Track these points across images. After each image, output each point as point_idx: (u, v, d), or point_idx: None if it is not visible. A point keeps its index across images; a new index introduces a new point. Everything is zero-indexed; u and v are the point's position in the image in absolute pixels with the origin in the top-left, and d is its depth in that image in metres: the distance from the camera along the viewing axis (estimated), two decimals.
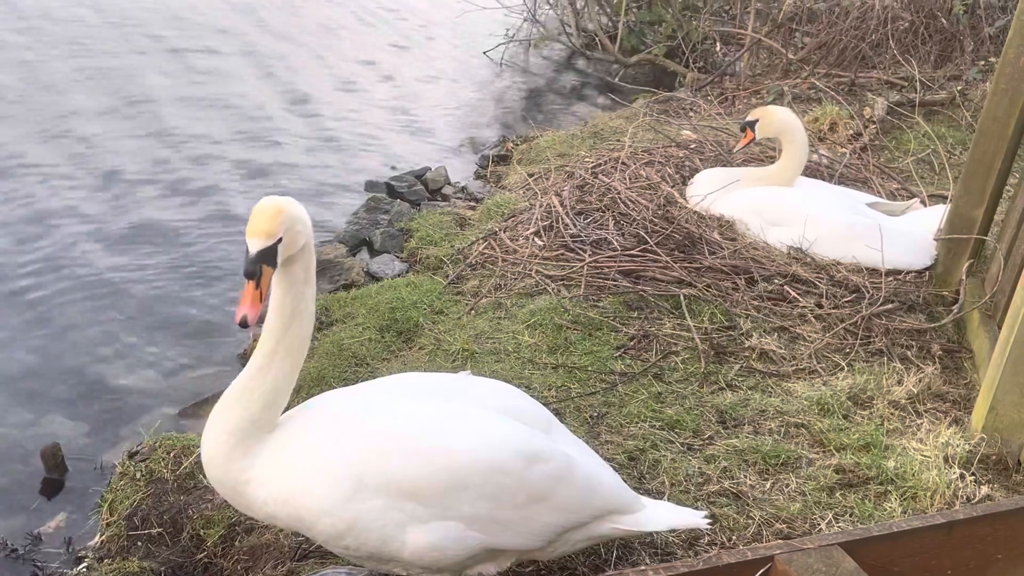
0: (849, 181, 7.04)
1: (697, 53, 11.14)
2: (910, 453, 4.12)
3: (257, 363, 2.99)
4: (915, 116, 8.45)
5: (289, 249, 2.87)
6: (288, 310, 2.96)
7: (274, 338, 2.98)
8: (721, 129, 7.91)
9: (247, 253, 2.80)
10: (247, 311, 2.77)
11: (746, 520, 3.72)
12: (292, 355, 3.01)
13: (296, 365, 3.05)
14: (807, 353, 4.94)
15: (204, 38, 10.99)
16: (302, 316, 3.00)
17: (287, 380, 3.02)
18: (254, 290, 2.79)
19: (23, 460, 4.61)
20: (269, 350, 2.98)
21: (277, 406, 3.02)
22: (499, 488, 2.94)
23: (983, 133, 5.28)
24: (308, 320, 3.03)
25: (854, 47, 9.71)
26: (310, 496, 2.87)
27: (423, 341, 5.09)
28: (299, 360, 3.06)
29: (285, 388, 3.02)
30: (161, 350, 5.48)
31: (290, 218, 2.84)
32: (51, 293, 5.88)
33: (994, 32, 9.73)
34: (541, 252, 5.81)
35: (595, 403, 4.47)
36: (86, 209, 6.92)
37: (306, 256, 2.97)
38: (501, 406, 3.17)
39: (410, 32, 12.48)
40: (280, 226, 2.81)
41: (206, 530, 3.91)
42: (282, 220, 2.81)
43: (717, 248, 5.73)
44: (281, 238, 2.82)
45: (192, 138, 8.30)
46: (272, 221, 2.80)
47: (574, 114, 10.32)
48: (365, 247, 6.84)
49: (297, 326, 2.99)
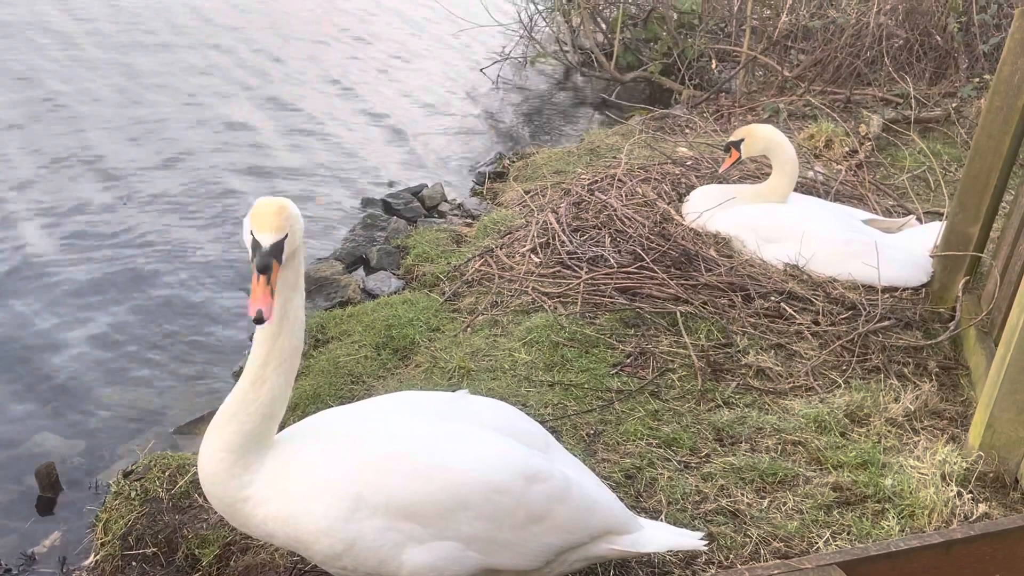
0: (845, 198, 7.05)
1: (693, 70, 11.18)
2: (907, 471, 4.11)
3: (250, 376, 2.97)
4: (910, 133, 8.48)
5: (290, 247, 2.88)
6: (276, 317, 2.93)
7: (265, 349, 2.96)
8: (717, 146, 7.93)
9: (258, 248, 2.80)
10: (261, 305, 2.74)
11: (743, 539, 3.71)
12: (285, 364, 2.98)
13: (290, 375, 3.02)
14: (804, 370, 4.93)
15: (199, 52, 11.02)
16: (292, 323, 2.97)
17: (282, 391, 3.00)
18: (266, 285, 2.78)
19: (17, 479, 4.59)
20: (261, 361, 2.96)
21: (274, 419, 3.00)
22: (498, 508, 2.93)
23: (978, 150, 5.30)
24: (298, 328, 3.01)
25: (849, 64, 9.75)
26: (309, 515, 2.86)
27: (419, 359, 5.08)
28: (292, 370, 3.03)
29: (280, 400, 3.00)
30: (156, 369, 5.47)
31: (294, 216, 2.88)
32: (44, 311, 5.86)
33: (988, 49, 9.77)
34: (537, 269, 5.81)
35: (592, 421, 4.46)
36: (78, 227, 6.91)
37: (296, 260, 2.97)
38: (499, 425, 3.17)
39: (407, 50, 12.51)
40: (286, 221, 2.84)
41: (201, 550, 3.89)
42: (287, 216, 2.85)
43: (713, 265, 5.73)
44: (287, 234, 2.84)
45: (184, 154, 8.31)
46: (279, 216, 2.84)
47: (570, 131, 10.35)
48: (361, 264, 6.83)
49: (287, 335, 2.97)
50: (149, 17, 12.17)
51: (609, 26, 12.29)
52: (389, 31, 13.23)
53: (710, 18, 11.63)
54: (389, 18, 13.81)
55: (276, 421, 3.02)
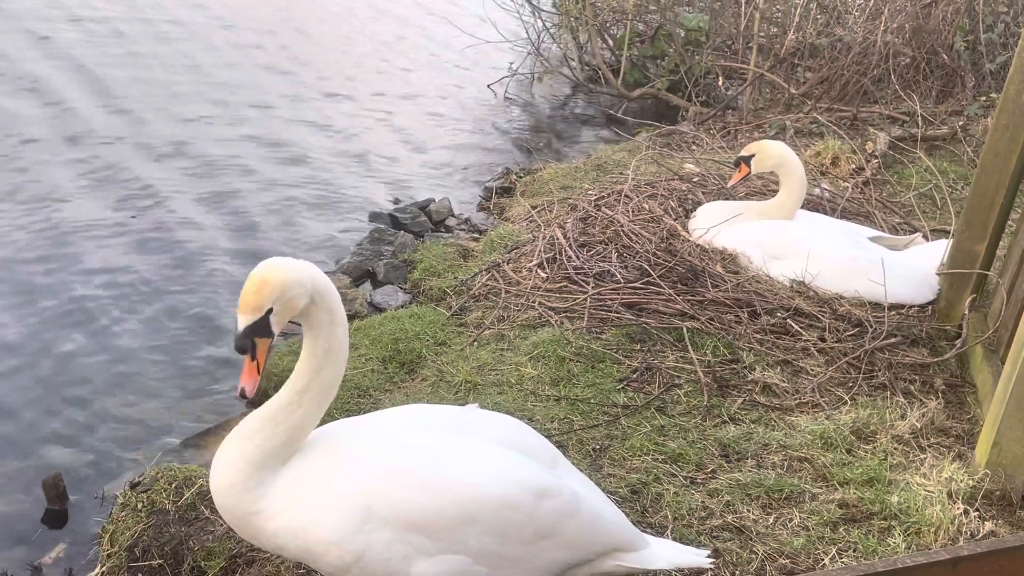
0: (851, 215, 7.06)
1: (700, 87, 11.22)
2: (914, 488, 4.10)
3: (286, 398, 2.99)
4: (917, 151, 8.49)
5: (286, 315, 2.86)
6: (321, 351, 2.97)
7: (307, 378, 2.98)
8: (724, 163, 7.94)
9: (236, 328, 2.81)
10: (245, 383, 2.81)
11: (749, 555, 3.71)
12: (323, 396, 3.01)
13: (323, 406, 3.05)
14: (810, 387, 4.93)
15: (204, 71, 11.08)
16: (335, 355, 3.00)
17: (312, 420, 3.03)
18: (250, 363, 2.81)
19: (25, 490, 4.59)
20: (301, 387, 2.98)
21: (295, 443, 3.02)
22: (507, 523, 2.93)
23: (985, 168, 5.31)
24: (341, 360, 3.03)
25: (856, 82, 9.78)
26: (320, 527, 2.87)
27: (426, 372, 5.09)
28: (327, 401, 3.06)
29: (308, 428, 3.03)
30: (163, 381, 5.48)
31: (279, 288, 2.80)
32: (53, 321, 5.88)
33: (995, 68, 9.80)
34: (544, 284, 5.83)
35: (598, 436, 4.47)
36: (87, 235, 6.94)
37: (322, 306, 2.93)
38: (508, 440, 3.17)
39: (415, 65, 12.57)
40: (267, 299, 2.79)
41: (207, 562, 3.89)
42: (268, 293, 2.79)
43: (720, 281, 5.74)
44: (271, 309, 2.80)
45: (190, 167, 8.34)
46: (258, 295, 2.78)
47: (577, 147, 10.37)
48: (369, 278, 6.85)
49: (331, 366, 2.99)
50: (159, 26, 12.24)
51: (616, 43, 12.33)
52: (397, 47, 13.29)
53: (717, 35, 11.67)
54: (397, 34, 13.87)
55: (297, 445, 3.03)
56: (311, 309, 2.92)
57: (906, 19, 10.03)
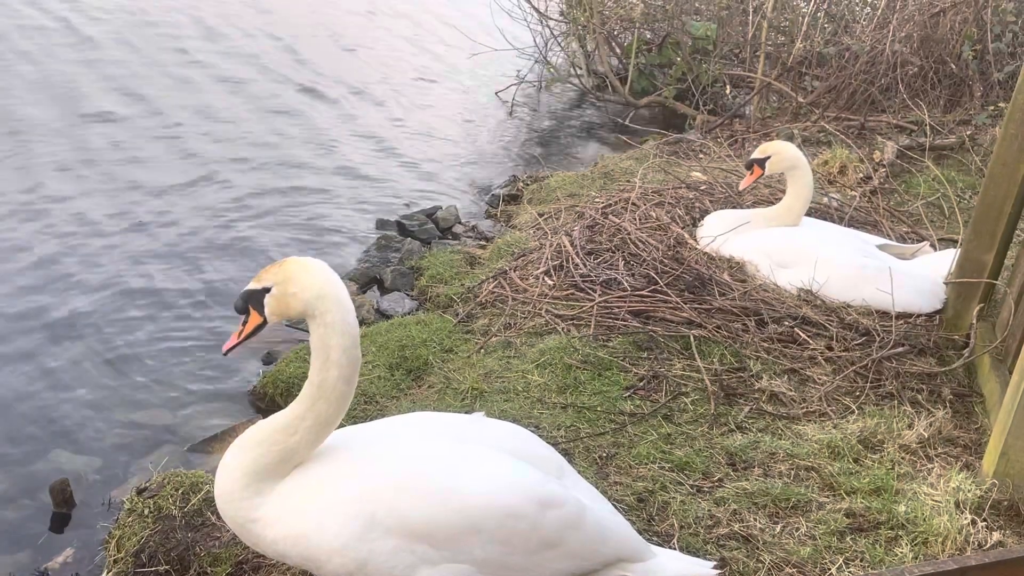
0: (859, 224, 7.05)
1: (707, 96, 11.23)
2: (921, 498, 4.09)
3: (285, 420, 3.01)
4: (925, 160, 8.49)
5: (279, 306, 2.94)
6: (315, 381, 2.99)
7: (304, 405, 3.00)
8: (731, 171, 7.95)
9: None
10: (229, 341, 3.05)
11: (756, 564, 3.70)
12: (317, 428, 3.00)
13: (320, 436, 3.03)
14: (817, 396, 4.93)
15: (211, 76, 11.11)
16: (329, 393, 2.98)
17: (307, 446, 3.02)
18: (240, 326, 3.01)
19: (31, 495, 4.60)
20: (300, 413, 3.00)
21: (292, 463, 3.02)
22: (512, 533, 2.93)
23: (993, 178, 5.30)
24: (334, 399, 3.00)
25: (863, 91, 9.79)
26: (322, 534, 2.87)
27: (432, 379, 5.09)
28: (324, 434, 3.04)
29: (303, 452, 3.02)
30: (170, 387, 5.48)
31: (285, 277, 2.91)
32: (60, 329, 5.89)
33: (1003, 78, 9.80)
34: (551, 291, 5.83)
35: (604, 443, 4.46)
36: (92, 246, 6.95)
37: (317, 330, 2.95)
38: (514, 449, 3.17)
39: (422, 73, 12.59)
40: (271, 276, 2.93)
41: (213, 568, 3.89)
42: (275, 272, 2.93)
43: (727, 289, 5.74)
44: (269, 288, 2.91)
45: (197, 174, 8.36)
46: (268, 271, 2.95)
47: (584, 155, 10.38)
48: (376, 285, 6.86)
49: (324, 401, 2.98)
50: (166, 33, 12.29)
51: (624, 51, 12.35)
52: (405, 55, 13.32)
53: (724, 44, 11.68)
54: (404, 42, 13.90)
55: (294, 464, 3.03)
56: (313, 328, 2.94)
57: (914, 28, 10.03)
